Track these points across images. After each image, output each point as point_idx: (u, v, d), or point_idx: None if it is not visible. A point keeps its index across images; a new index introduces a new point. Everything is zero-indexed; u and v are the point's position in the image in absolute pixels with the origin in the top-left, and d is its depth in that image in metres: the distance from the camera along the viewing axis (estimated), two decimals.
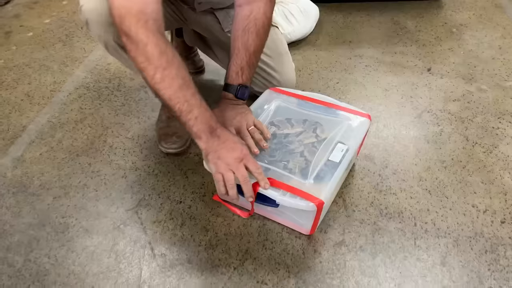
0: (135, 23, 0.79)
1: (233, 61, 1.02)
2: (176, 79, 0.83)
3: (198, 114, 0.85)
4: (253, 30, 1.00)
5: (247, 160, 0.87)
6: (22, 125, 1.36)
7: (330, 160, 0.96)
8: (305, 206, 0.88)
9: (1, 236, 1.03)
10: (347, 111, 1.09)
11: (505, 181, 1.11)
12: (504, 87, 1.42)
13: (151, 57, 0.80)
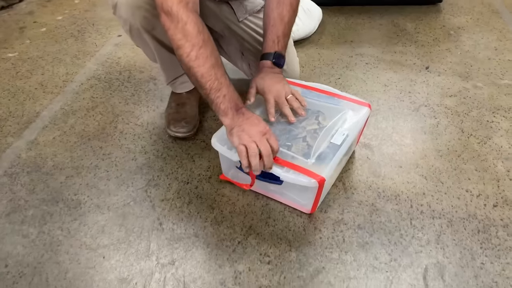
0: (177, 3, 0.85)
1: (269, 31, 1.09)
2: (210, 58, 0.89)
3: (226, 92, 0.91)
4: (287, 2, 1.08)
5: (269, 136, 0.92)
6: (36, 112, 1.42)
7: (332, 143, 1.01)
8: (307, 183, 0.93)
9: (17, 210, 1.08)
10: (348, 100, 1.15)
11: (498, 169, 1.16)
12: (499, 85, 1.48)
13: (189, 35, 0.86)
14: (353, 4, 2.01)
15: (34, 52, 1.75)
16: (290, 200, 1.06)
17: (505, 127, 1.30)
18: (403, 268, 0.92)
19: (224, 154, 1.01)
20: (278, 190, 1.05)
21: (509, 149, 1.22)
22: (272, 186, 1.04)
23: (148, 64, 1.63)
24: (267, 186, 1.06)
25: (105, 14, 2.05)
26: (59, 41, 1.82)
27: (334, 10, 1.97)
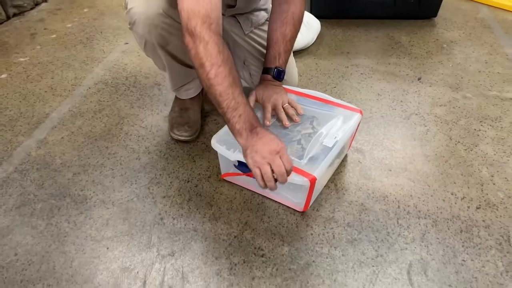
0: (200, 24, 0.90)
1: (272, 48, 1.18)
2: (228, 77, 0.92)
3: (242, 112, 0.94)
4: (291, 22, 1.17)
5: (283, 154, 0.93)
6: (45, 113, 1.49)
7: (324, 145, 1.08)
8: (300, 181, 0.99)
9: (26, 204, 1.15)
10: (341, 107, 1.22)
11: (482, 174, 1.22)
12: (488, 96, 1.55)
13: (210, 54, 0.90)
14: (351, 17, 2.09)
15: (44, 57, 1.83)
16: (284, 198, 1.13)
17: (491, 135, 1.37)
18: (388, 263, 0.98)
19: (223, 154, 1.08)
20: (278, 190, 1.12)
21: (494, 155, 1.28)
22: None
23: (153, 71, 1.71)
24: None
25: (112, 22, 2.13)
26: (68, 47, 1.90)
27: (333, 23, 2.06)
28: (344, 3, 2.04)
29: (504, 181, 1.20)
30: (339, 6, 2.05)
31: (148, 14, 1.06)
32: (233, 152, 1.06)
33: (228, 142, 1.09)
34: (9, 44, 1.93)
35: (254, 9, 1.34)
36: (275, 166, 0.90)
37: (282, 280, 0.95)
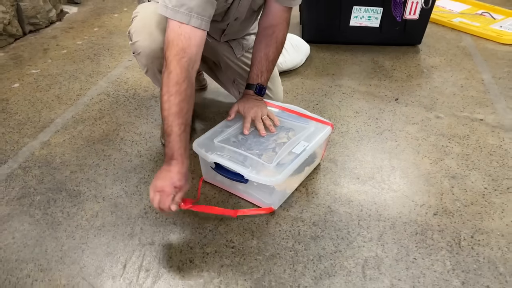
0: (173, 55, 1.03)
1: (255, 66, 1.32)
2: (175, 107, 1.02)
3: (171, 140, 1.03)
4: (274, 45, 1.31)
5: (163, 194, 1.01)
6: (50, 119, 1.64)
7: (292, 152, 1.20)
8: (269, 181, 1.11)
9: (26, 196, 1.28)
10: (315, 120, 1.35)
11: (443, 185, 1.33)
12: (459, 116, 1.66)
13: (169, 83, 1.03)
14: (339, 43, 2.24)
15: (54, 70, 2.00)
16: (257, 200, 1.24)
17: (457, 151, 1.47)
18: (345, 258, 1.08)
19: (201, 155, 1.21)
20: (245, 190, 1.24)
21: (457, 169, 1.39)
22: (241, 186, 1.22)
23: (152, 85, 1.86)
24: (237, 186, 1.24)
25: (119, 41, 2.31)
26: (76, 62, 2.07)
27: (322, 47, 2.21)
28: (333, 30, 2.19)
29: (463, 192, 1.30)
30: (329, 32, 2.20)
31: (152, 48, 1.20)
32: (211, 155, 1.19)
33: (207, 146, 1.22)
34: (23, 57, 2.11)
35: (246, 34, 1.49)
36: (155, 201, 1.02)
37: (248, 268, 1.06)
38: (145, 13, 1.24)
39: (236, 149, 1.21)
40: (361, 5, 2.10)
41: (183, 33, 1.04)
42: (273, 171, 1.13)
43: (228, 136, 1.26)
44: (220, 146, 1.22)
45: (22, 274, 1.04)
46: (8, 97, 1.78)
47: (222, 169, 1.19)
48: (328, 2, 2.10)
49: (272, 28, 1.32)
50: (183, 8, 1.04)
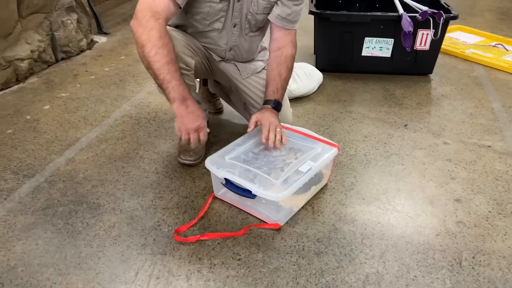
0: (149, 16, 1.17)
1: (270, 84, 1.45)
2: (166, 57, 1.18)
3: (175, 85, 1.20)
4: (284, 64, 1.45)
5: (201, 130, 1.27)
6: (76, 138, 1.76)
7: (299, 170, 1.27)
8: (274, 197, 1.18)
9: (50, 207, 1.37)
10: (323, 142, 1.42)
11: (447, 208, 1.36)
12: (466, 143, 1.70)
13: (152, 37, 1.17)
14: (352, 71, 2.32)
15: (82, 94, 2.14)
16: (265, 216, 1.30)
17: (463, 176, 1.51)
18: (347, 273, 1.12)
19: (213, 172, 1.28)
20: (254, 206, 1.30)
21: (462, 193, 1.42)
22: (250, 202, 1.28)
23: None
24: (245, 202, 1.31)
25: (144, 68, 2.45)
26: (103, 87, 2.22)
27: (335, 75, 2.29)
28: (345, 59, 2.28)
29: (467, 214, 1.33)
30: (341, 61, 2.30)
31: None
32: (221, 171, 1.26)
33: (218, 163, 1.30)
34: (54, 82, 2.27)
35: (252, 59, 1.60)
36: (192, 137, 1.26)
37: (253, 279, 1.11)
38: None
39: (246, 166, 1.28)
40: (372, 36, 2.19)
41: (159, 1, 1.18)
42: (279, 188, 1.20)
43: (239, 154, 1.34)
44: (231, 163, 1.30)
45: (42, 277, 1.12)
46: (39, 117, 1.91)
47: (231, 185, 1.26)
48: (340, 34, 2.20)
49: (280, 50, 1.45)
50: None
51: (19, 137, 1.75)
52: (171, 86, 1.20)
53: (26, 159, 1.61)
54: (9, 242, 1.23)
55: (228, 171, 1.26)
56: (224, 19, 1.40)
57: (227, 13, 1.38)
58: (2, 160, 1.60)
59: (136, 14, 1.21)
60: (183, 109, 1.24)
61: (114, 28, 3.10)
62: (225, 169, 1.27)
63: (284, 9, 1.41)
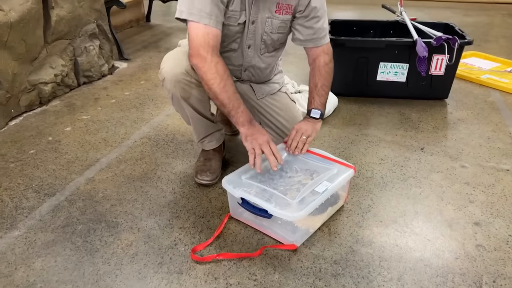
0: (211, 51, 1.28)
1: (309, 95, 1.51)
2: (232, 87, 1.31)
3: (242, 110, 1.32)
4: (318, 73, 1.50)
5: (272, 143, 1.34)
6: (96, 158, 1.80)
7: (315, 191, 1.28)
8: (291, 217, 1.18)
9: (70, 225, 1.40)
10: (339, 163, 1.42)
11: (466, 231, 1.34)
12: (484, 166, 1.68)
13: (219, 71, 1.28)
14: (367, 96, 2.34)
15: (103, 116, 2.20)
16: (281, 237, 1.30)
17: (482, 199, 1.49)
18: None
19: (230, 191, 1.30)
20: (270, 226, 1.30)
21: (481, 216, 1.40)
22: (266, 222, 1.29)
23: (189, 131, 2.01)
24: (261, 223, 1.31)
25: (162, 92, 2.52)
26: (123, 110, 2.27)
27: (350, 99, 2.32)
28: (360, 84, 2.31)
29: (486, 238, 1.31)
30: (356, 85, 2.32)
31: (174, 73, 1.37)
32: (238, 190, 1.27)
33: (235, 182, 1.31)
34: (76, 105, 2.34)
35: (267, 81, 1.63)
36: (266, 149, 1.31)
37: None
38: (174, 50, 1.47)
39: (263, 186, 1.29)
40: (387, 61, 2.21)
41: (210, 32, 1.28)
42: (295, 208, 1.20)
43: (255, 174, 1.35)
44: (248, 183, 1.32)
45: None
46: (60, 139, 1.97)
47: (247, 205, 1.27)
48: (355, 59, 2.24)
49: (314, 62, 1.52)
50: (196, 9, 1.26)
51: (41, 157, 1.80)
52: (240, 111, 1.32)
53: (48, 178, 1.66)
54: (29, 258, 1.26)
55: (244, 191, 1.28)
56: (239, 40, 1.45)
57: (242, 35, 1.43)
58: (25, 179, 1.65)
59: (196, 51, 1.29)
60: (252, 129, 1.33)
61: (135, 54, 3.21)
62: (242, 188, 1.29)
63: (306, 31, 1.45)
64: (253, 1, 1.36)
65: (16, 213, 1.45)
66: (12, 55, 2.08)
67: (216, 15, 1.29)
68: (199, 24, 1.28)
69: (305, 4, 1.40)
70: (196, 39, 1.28)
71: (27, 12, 2.09)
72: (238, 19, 1.37)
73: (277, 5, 1.39)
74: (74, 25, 2.47)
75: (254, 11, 1.38)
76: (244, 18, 1.38)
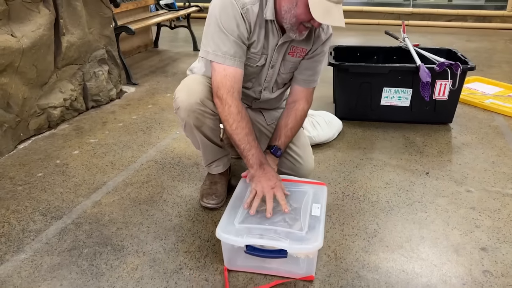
0: (226, 93, 1.31)
1: (276, 131, 1.53)
2: (245, 128, 1.33)
3: (254, 152, 1.34)
4: (293, 115, 1.53)
5: (277, 189, 1.31)
6: (103, 181, 1.82)
7: (313, 215, 1.28)
8: (313, 247, 1.17)
9: (76, 248, 1.40)
10: (308, 183, 1.44)
11: (473, 256, 1.33)
12: (490, 191, 1.68)
13: (232, 113, 1.31)
14: (371, 120, 2.36)
15: (110, 140, 2.23)
16: (287, 273, 1.26)
17: (488, 224, 1.48)
18: None
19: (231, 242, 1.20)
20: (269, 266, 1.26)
21: (488, 241, 1.39)
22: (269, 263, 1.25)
23: (195, 154, 2.03)
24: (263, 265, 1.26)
25: (169, 116, 2.56)
26: (131, 133, 2.31)
27: (354, 123, 2.34)
28: (364, 108, 2.33)
29: (494, 263, 1.30)
30: (360, 110, 2.35)
31: (189, 102, 1.39)
32: (242, 238, 1.19)
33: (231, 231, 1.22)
34: (84, 128, 2.38)
35: (276, 107, 1.66)
36: (268, 194, 1.29)
37: None
38: (188, 78, 1.49)
39: (264, 226, 1.25)
40: (391, 87, 2.24)
41: (228, 73, 1.32)
42: (310, 238, 1.18)
43: (245, 216, 1.29)
44: (245, 227, 1.24)
45: None
46: (68, 162, 1.99)
47: (255, 250, 1.20)
48: (359, 84, 2.27)
49: (294, 103, 1.54)
50: (221, 52, 1.30)
51: (48, 180, 1.82)
52: (250, 154, 1.34)
53: (55, 201, 1.67)
54: (35, 282, 1.26)
55: (249, 236, 1.20)
56: (255, 80, 1.49)
57: (258, 76, 1.48)
58: (32, 202, 1.66)
59: (216, 90, 1.34)
60: (260, 172, 1.34)
61: (142, 79, 3.27)
62: (244, 235, 1.21)
63: (307, 72, 1.51)
64: (276, 47, 1.40)
65: (23, 236, 1.46)
66: (23, 80, 2.13)
67: (240, 56, 1.33)
68: (223, 65, 1.32)
69: (315, 49, 1.47)
70: (219, 79, 1.33)
71: (39, 38, 2.15)
72: (257, 61, 1.42)
73: (292, 48, 1.44)
74: (84, 51, 2.53)
75: (275, 56, 1.43)
76: (264, 61, 1.43)
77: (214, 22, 1.31)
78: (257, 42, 1.37)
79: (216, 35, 1.31)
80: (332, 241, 1.41)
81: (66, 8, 2.34)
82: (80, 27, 2.47)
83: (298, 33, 1.32)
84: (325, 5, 1.20)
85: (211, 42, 1.32)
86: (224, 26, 1.29)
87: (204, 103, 1.39)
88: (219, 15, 1.29)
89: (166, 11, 4.16)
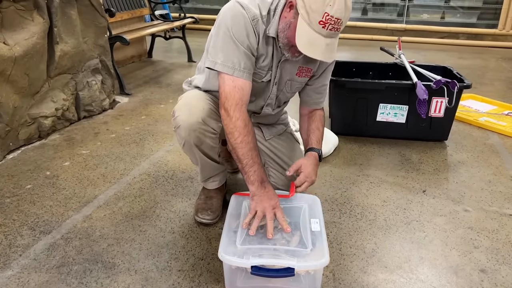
0: (234, 105, 1.26)
1: (313, 135, 1.51)
2: (250, 143, 1.27)
3: (257, 169, 1.28)
4: (319, 121, 1.54)
5: (277, 209, 1.27)
6: (94, 195, 1.77)
7: (314, 231, 1.25)
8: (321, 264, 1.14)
9: (65, 265, 1.35)
10: (300, 197, 1.41)
11: (473, 278, 1.31)
12: (487, 211, 1.67)
13: (238, 127, 1.26)
14: (367, 135, 2.35)
15: (102, 151, 2.18)
16: None
17: (486, 245, 1.46)
18: None
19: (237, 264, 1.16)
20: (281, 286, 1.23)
21: (487, 263, 1.37)
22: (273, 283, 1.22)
23: (190, 167, 1.99)
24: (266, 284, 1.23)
25: (163, 128, 2.52)
26: (123, 145, 2.26)
27: (350, 139, 2.32)
28: (360, 124, 2.32)
29: (493, 285, 1.27)
30: (356, 126, 2.34)
31: (190, 122, 1.36)
32: (248, 259, 1.15)
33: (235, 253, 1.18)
34: (76, 139, 2.33)
35: (275, 123, 1.64)
36: (268, 216, 1.25)
37: None
38: (188, 94, 1.45)
39: (265, 246, 1.21)
40: (387, 103, 2.24)
41: (237, 85, 1.27)
42: (316, 255, 1.16)
43: (245, 236, 1.25)
44: (247, 248, 1.21)
45: None
46: (58, 173, 1.94)
47: (261, 270, 1.15)
48: (355, 99, 2.27)
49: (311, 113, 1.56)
50: (231, 62, 1.26)
51: (38, 193, 1.77)
52: (252, 170, 1.28)
53: (44, 215, 1.62)
54: None
55: (254, 257, 1.16)
56: (259, 95, 1.46)
57: (262, 92, 1.45)
58: (20, 215, 1.61)
59: (223, 101, 1.29)
60: (261, 190, 1.28)
61: (136, 89, 3.23)
62: (249, 255, 1.17)
63: (316, 97, 1.52)
64: (279, 62, 1.37)
65: (10, 251, 1.41)
66: (14, 88, 2.08)
67: (249, 68, 1.30)
68: (232, 77, 1.28)
69: (322, 69, 1.46)
70: (227, 90, 1.28)
71: (32, 47, 2.11)
72: (263, 77, 1.39)
73: (298, 68, 1.41)
74: (77, 60, 2.49)
75: (279, 72, 1.40)
76: (269, 77, 1.40)
77: (224, 32, 1.27)
78: (266, 56, 1.34)
79: (226, 46, 1.27)
80: (330, 261, 1.37)
81: (60, 17, 2.31)
82: (74, 36, 2.44)
83: (291, 54, 1.30)
84: (311, 36, 1.17)
85: (219, 53, 1.28)
86: (235, 36, 1.26)
87: (205, 122, 1.36)
88: (231, 25, 1.26)
89: (161, 21, 4.15)
